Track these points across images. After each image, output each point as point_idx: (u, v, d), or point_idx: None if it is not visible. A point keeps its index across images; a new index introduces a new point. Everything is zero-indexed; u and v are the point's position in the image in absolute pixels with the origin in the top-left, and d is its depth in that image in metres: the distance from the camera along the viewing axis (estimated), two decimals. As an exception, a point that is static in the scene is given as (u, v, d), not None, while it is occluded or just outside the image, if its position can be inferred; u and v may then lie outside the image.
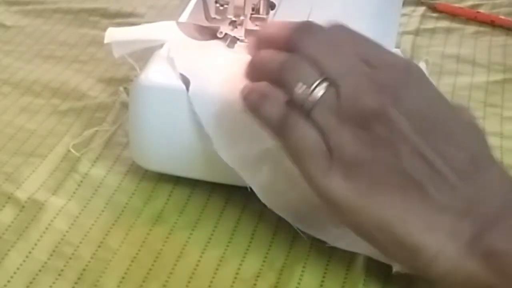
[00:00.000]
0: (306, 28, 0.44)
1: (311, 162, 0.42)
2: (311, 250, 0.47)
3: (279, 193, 0.47)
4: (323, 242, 0.47)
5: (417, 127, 0.40)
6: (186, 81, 0.49)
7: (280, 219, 0.49)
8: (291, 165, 0.43)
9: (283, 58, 0.43)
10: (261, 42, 0.45)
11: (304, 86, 0.41)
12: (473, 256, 0.39)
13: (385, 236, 0.40)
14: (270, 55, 0.44)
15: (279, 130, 0.43)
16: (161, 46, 0.52)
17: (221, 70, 0.50)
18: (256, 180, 0.48)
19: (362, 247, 0.44)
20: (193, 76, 0.49)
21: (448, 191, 0.39)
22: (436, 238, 0.39)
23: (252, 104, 0.44)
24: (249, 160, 0.47)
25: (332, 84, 0.41)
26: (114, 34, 0.53)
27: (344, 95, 0.41)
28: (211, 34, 0.53)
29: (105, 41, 0.53)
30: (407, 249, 0.40)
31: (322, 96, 0.41)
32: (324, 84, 0.41)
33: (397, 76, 0.41)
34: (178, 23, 0.54)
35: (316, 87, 0.41)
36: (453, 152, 0.40)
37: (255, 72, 0.45)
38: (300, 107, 0.42)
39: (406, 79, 0.41)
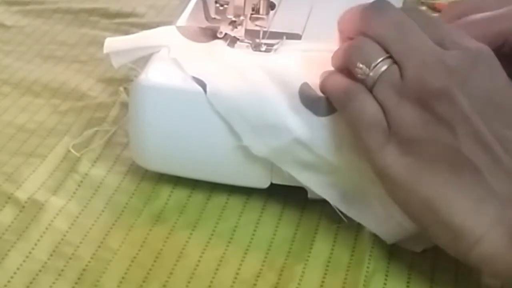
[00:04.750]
0: (376, 8, 0.44)
1: (368, 134, 0.42)
2: (311, 250, 0.47)
3: (320, 173, 0.47)
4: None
5: (479, 111, 0.40)
6: (201, 84, 0.48)
7: (280, 218, 0.49)
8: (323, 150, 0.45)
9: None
10: (341, 34, 0.47)
11: (369, 64, 0.43)
12: None
13: (431, 215, 0.41)
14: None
15: (341, 101, 0.44)
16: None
17: (230, 67, 0.49)
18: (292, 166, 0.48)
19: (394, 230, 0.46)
20: (206, 78, 0.49)
21: (503, 178, 0.40)
22: (482, 222, 0.39)
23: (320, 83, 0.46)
24: (282, 149, 0.47)
25: (396, 62, 0.42)
26: (113, 44, 0.53)
27: (408, 73, 0.41)
28: (211, 35, 0.53)
29: (104, 51, 0.53)
30: (451, 230, 0.40)
31: (384, 72, 0.42)
32: (388, 61, 0.42)
33: (467, 59, 0.41)
34: (177, 27, 0.53)
35: (378, 63, 0.42)
36: None
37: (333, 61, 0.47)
38: (362, 82, 0.43)
39: (475, 63, 0.41)
